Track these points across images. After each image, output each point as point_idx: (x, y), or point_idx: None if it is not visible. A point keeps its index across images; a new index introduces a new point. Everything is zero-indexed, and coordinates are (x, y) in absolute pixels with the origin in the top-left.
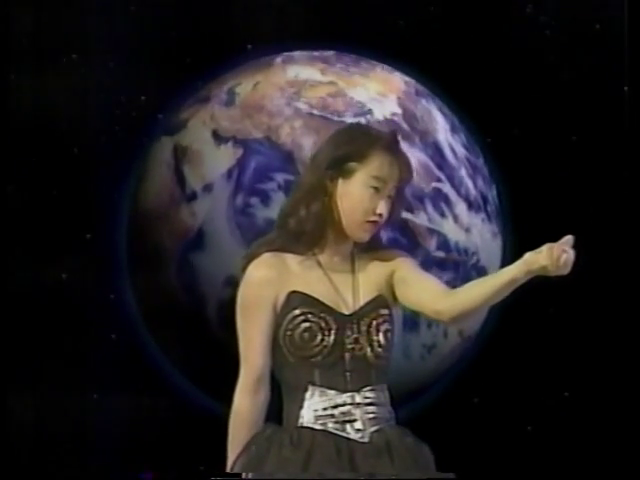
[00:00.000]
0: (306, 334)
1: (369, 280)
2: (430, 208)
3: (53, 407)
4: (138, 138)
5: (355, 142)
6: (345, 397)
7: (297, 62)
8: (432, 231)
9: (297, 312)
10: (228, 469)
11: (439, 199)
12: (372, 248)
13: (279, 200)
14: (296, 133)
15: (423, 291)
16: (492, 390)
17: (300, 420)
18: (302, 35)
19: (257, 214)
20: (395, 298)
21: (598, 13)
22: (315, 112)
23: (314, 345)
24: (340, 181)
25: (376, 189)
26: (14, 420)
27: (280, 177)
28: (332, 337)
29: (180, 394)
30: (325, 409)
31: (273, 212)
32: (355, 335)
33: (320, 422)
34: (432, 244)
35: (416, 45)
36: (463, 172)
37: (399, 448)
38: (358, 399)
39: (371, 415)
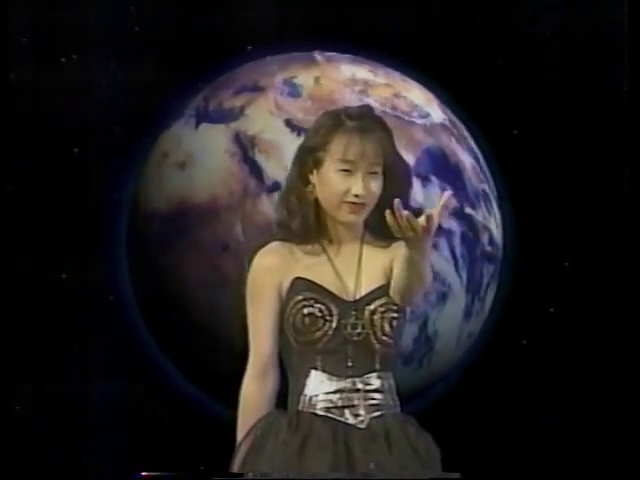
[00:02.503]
0: (307, 319)
1: (375, 268)
2: (483, 206)
3: (53, 407)
4: (138, 138)
5: (319, 131)
6: (345, 383)
7: (340, 61)
8: (485, 228)
9: (299, 297)
10: (235, 452)
11: (486, 199)
12: (385, 236)
13: None
14: None
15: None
16: (493, 390)
17: (300, 405)
18: (302, 36)
19: None
20: None
21: (598, 13)
22: (388, 111)
23: (316, 330)
24: (315, 172)
25: (347, 171)
26: (14, 421)
27: None
28: (334, 323)
29: (180, 394)
30: (326, 394)
31: None
32: (357, 322)
33: (320, 407)
34: (485, 239)
35: (415, 45)
36: (489, 175)
37: (399, 436)
38: (359, 385)
39: (372, 402)
